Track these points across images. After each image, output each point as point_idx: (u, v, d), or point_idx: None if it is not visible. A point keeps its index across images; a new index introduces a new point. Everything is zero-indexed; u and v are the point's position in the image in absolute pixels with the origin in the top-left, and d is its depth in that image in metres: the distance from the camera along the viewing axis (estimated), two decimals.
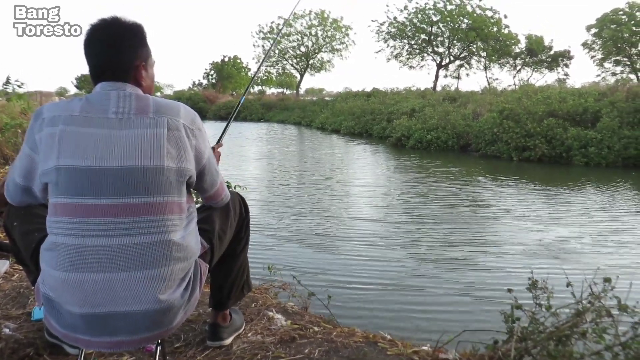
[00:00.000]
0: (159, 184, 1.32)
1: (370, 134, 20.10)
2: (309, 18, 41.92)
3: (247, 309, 2.37)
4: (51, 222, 1.32)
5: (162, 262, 1.33)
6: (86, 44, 1.42)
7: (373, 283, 4.01)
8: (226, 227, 1.74)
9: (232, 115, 2.30)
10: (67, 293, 1.28)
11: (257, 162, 12.37)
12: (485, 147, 13.75)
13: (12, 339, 1.92)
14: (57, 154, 1.27)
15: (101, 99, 1.35)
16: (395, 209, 6.89)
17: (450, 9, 31.95)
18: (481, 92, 24.87)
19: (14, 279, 2.68)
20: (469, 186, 8.92)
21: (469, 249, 5.05)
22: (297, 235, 5.40)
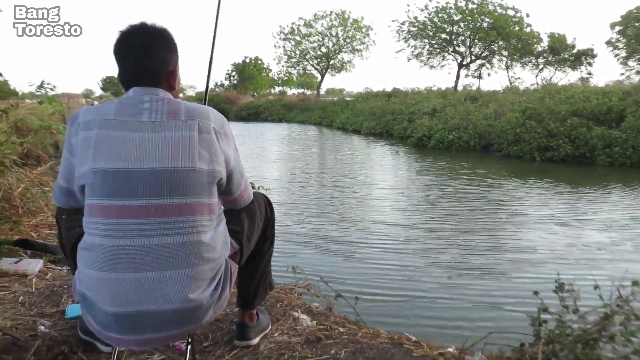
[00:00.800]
0: (190, 186, 1.36)
1: (391, 134, 20.04)
2: (329, 19, 42.00)
3: (272, 309, 2.40)
4: (87, 223, 1.37)
5: (192, 262, 1.36)
6: (119, 50, 1.47)
7: (394, 287, 3.96)
8: (254, 227, 1.77)
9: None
10: (101, 292, 1.33)
11: (278, 164, 12.38)
12: (507, 147, 13.60)
13: (47, 337, 1.98)
14: (92, 157, 1.32)
15: (134, 103, 1.39)
16: (417, 212, 6.78)
17: (471, 7, 31.65)
18: (503, 92, 24.60)
19: (47, 278, 2.75)
20: (492, 188, 8.77)
21: (493, 253, 4.94)
22: (318, 237, 5.38)
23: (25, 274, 2.74)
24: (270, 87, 58.85)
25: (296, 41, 43.76)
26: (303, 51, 43.85)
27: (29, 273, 2.75)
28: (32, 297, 2.46)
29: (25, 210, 3.77)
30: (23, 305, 2.37)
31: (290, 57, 44.88)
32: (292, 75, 49.07)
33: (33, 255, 3.08)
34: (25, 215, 3.72)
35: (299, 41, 43.65)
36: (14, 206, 3.71)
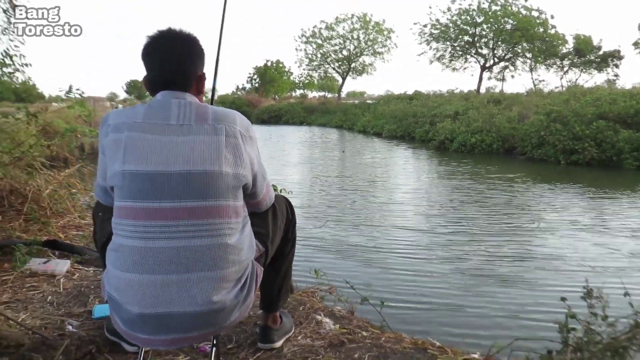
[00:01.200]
0: (217, 189, 1.38)
1: (412, 137, 19.92)
2: (351, 22, 42.02)
3: (295, 312, 2.40)
4: (116, 224, 1.40)
5: (218, 264, 1.38)
6: (149, 54, 1.50)
7: (417, 294, 3.91)
8: (277, 230, 1.79)
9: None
10: (128, 293, 1.35)
11: (299, 167, 12.37)
12: (531, 151, 13.43)
13: (75, 336, 2.01)
14: (122, 159, 1.35)
15: (163, 107, 1.42)
16: (439, 218, 6.67)
17: (494, 9, 31.34)
18: (527, 94, 24.30)
19: (74, 278, 2.80)
20: (516, 192, 8.63)
21: (518, 259, 4.83)
22: (338, 242, 5.35)
23: (54, 274, 2.80)
24: (292, 90, 59.13)
25: (317, 44, 43.91)
26: (324, 54, 43.95)
27: (57, 273, 2.80)
28: (60, 297, 2.51)
29: (54, 211, 3.84)
30: (51, 304, 2.41)
31: (311, 60, 45.05)
32: (313, 78, 49.27)
33: (61, 255, 3.13)
34: (53, 217, 3.79)
35: (320, 44, 43.77)
36: (42, 207, 3.79)
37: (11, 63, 3.60)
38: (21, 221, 3.55)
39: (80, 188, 4.45)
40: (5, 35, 3.61)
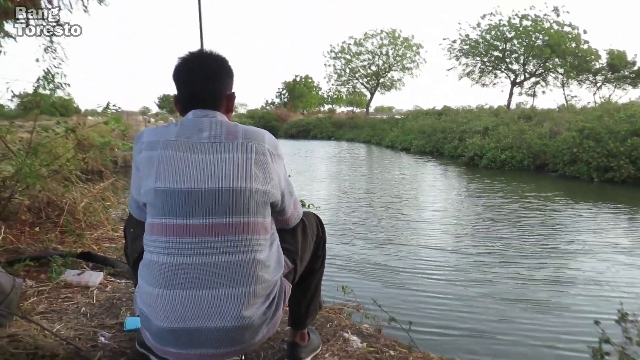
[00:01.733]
0: (247, 205, 1.41)
1: (441, 153, 19.77)
2: (379, 38, 42.12)
3: (322, 329, 2.40)
4: (148, 241, 1.43)
5: (247, 280, 1.41)
6: (180, 75, 1.56)
7: (443, 317, 3.80)
8: (306, 247, 1.80)
9: None
10: (159, 308, 1.38)
11: (326, 182, 12.33)
12: (563, 168, 13.17)
13: (107, 348, 2.06)
14: (155, 177, 1.39)
15: (195, 125, 1.47)
16: (469, 238, 6.49)
17: (525, 25, 31.01)
18: (558, 110, 23.90)
19: (107, 290, 2.86)
20: (549, 211, 8.38)
21: (551, 282, 4.63)
22: (364, 260, 5.30)
23: (87, 285, 2.86)
24: (320, 105, 59.40)
25: (346, 60, 44.07)
26: (353, 69, 44.07)
27: (91, 285, 2.87)
28: (93, 309, 2.57)
29: (88, 224, 3.94)
30: (85, 316, 2.47)
31: (340, 75, 45.22)
32: (341, 93, 49.36)
33: (94, 267, 3.21)
34: (87, 229, 3.89)
35: (349, 60, 43.93)
36: (77, 220, 3.89)
37: (52, 81, 3.73)
38: (57, 233, 3.66)
39: (114, 201, 4.57)
40: (48, 53, 3.75)
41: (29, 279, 2.86)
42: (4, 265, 2.80)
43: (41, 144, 3.89)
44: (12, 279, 2.39)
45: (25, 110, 4.07)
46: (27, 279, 2.86)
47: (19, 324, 2.21)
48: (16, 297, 2.40)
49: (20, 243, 3.38)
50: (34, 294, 2.70)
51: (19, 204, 3.76)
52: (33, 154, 3.78)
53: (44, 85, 3.68)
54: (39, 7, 3.53)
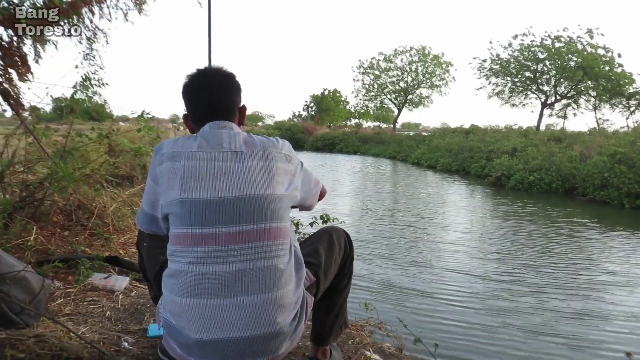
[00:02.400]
0: (270, 211, 1.44)
1: (467, 172, 19.60)
2: (409, 54, 42.11)
3: (344, 346, 2.38)
4: (173, 251, 1.44)
5: (271, 286, 1.42)
6: (191, 90, 1.61)
7: (465, 348, 3.69)
8: (331, 262, 1.79)
9: None
10: (186, 318, 1.39)
11: (350, 198, 12.26)
12: (593, 192, 12.89)
13: (130, 353, 2.07)
14: (179, 187, 1.41)
15: (214, 136, 1.50)
16: (495, 263, 6.27)
17: (558, 46, 30.63)
18: (589, 133, 23.46)
19: (132, 295, 2.89)
20: (580, 237, 8.07)
21: (581, 316, 4.44)
22: (385, 281, 5.22)
23: (113, 289, 2.90)
24: (347, 119, 59.52)
25: (375, 75, 44.17)
26: (381, 85, 44.11)
27: (116, 289, 2.91)
28: (117, 313, 2.60)
29: (116, 228, 4.00)
30: (109, 320, 2.50)
31: (368, 90, 45.31)
32: (369, 108, 49.38)
33: (120, 272, 3.26)
34: (115, 233, 3.95)
35: (377, 75, 44.02)
36: (106, 224, 3.96)
37: (90, 86, 3.83)
38: (86, 236, 3.73)
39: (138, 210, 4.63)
40: (87, 60, 3.85)
41: (57, 281, 2.92)
42: (34, 266, 2.85)
43: (75, 148, 3.98)
44: (41, 280, 2.44)
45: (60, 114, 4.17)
46: (56, 280, 2.92)
47: (45, 324, 2.25)
48: (44, 298, 2.45)
49: (51, 244, 3.45)
50: (62, 295, 2.74)
51: (50, 206, 3.85)
52: (67, 157, 3.87)
53: (81, 90, 3.77)
54: (80, 16, 3.63)
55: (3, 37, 3.41)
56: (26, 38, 3.42)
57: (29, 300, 2.27)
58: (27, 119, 3.92)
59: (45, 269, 2.87)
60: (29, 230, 3.40)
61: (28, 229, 3.40)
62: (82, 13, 3.62)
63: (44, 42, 3.51)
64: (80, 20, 3.64)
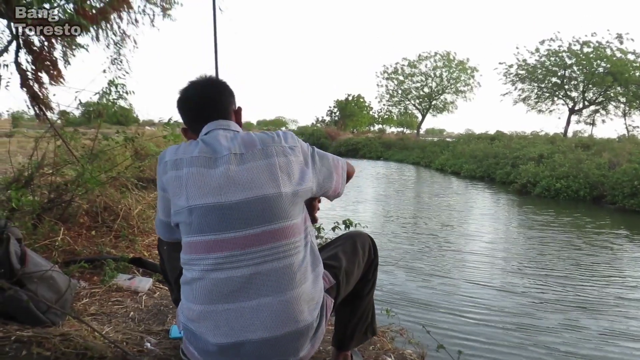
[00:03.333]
0: (278, 210, 1.42)
1: (492, 178, 19.35)
2: (434, 60, 41.90)
3: (365, 352, 2.37)
4: (187, 260, 1.45)
5: (288, 286, 1.40)
6: (187, 96, 1.66)
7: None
8: (353, 266, 1.77)
9: None
10: (204, 324, 1.39)
11: (372, 205, 12.12)
12: (622, 200, 12.61)
13: (152, 354, 2.09)
14: (185, 196, 1.40)
15: (214, 139, 1.50)
16: (520, 276, 5.94)
17: (586, 51, 30.11)
18: (619, 140, 22.99)
19: (155, 296, 2.92)
20: (611, 249, 7.71)
21: (610, 336, 4.17)
22: (405, 291, 5.11)
23: (137, 290, 2.94)
24: (370, 125, 59.39)
25: (399, 81, 44.04)
26: (405, 91, 43.95)
27: (140, 290, 2.94)
28: (141, 314, 2.63)
29: (141, 230, 4.06)
30: (133, 320, 2.53)
31: (392, 96, 45.20)
32: (392, 114, 49.22)
33: (144, 273, 3.30)
34: (140, 235, 4.00)
35: (401, 81, 43.88)
36: (131, 225, 4.02)
37: (117, 91, 3.91)
38: (112, 237, 3.79)
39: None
40: (114, 64, 3.94)
41: (83, 281, 2.97)
42: (61, 266, 2.91)
43: (102, 151, 4.05)
44: (67, 280, 2.48)
45: (88, 118, 4.25)
46: (82, 280, 2.97)
47: (71, 323, 2.28)
48: (70, 298, 2.49)
49: (77, 245, 3.51)
50: (87, 295, 2.79)
51: (78, 208, 3.92)
52: (94, 160, 3.94)
53: (108, 94, 3.84)
54: (109, 22, 3.71)
55: (35, 42, 3.50)
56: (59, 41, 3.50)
57: (55, 299, 2.31)
58: (56, 122, 4.01)
59: (72, 269, 2.92)
60: (57, 231, 3.47)
61: (56, 230, 3.47)
62: (110, 19, 3.69)
63: (74, 47, 3.59)
64: (108, 26, 3.71)
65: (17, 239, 2.29)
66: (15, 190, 3.40)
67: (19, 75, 3.53)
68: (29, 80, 3.56)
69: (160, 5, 4.02)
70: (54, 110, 3.89)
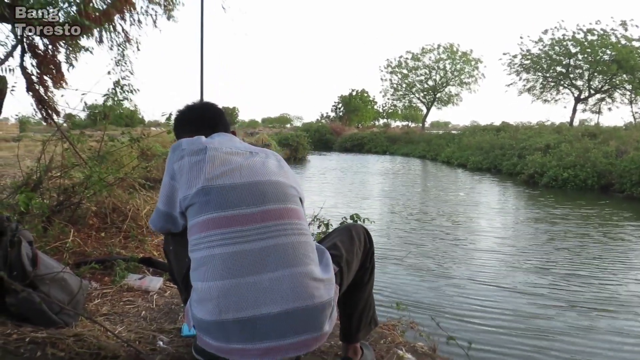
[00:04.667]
0: (290, 195, 1.56)
1: (499, 170, 19.30)
2: (437, 52, 41.71)
3: (376, 346, 2.37)
4: (201, 238, 1.46)
5: (305, 260, 1.46)
6: (194, 112, 1.87)
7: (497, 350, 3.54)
8: (352, 255, 1.80)
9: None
10: (222, 301, 1.38)
11: (378, 201, 11.95)
12: (631, 188, 12.56)
13: (165, 352, 2.10)
14: (205, 176, 1.48)
15: (228, 138, 1.69)
16: (530, 274, 5.63)
17: (591, 39, 29.86)
18: (625, 128, 22.85)
19: (166, 295, 2.94)
20: (622, 240, 7.53)
21: (625, 336, 3.96)
22: (411, 292, 4.96)
23: (148, 290, 2.96)
24: (375, 119, 59.29)
25: (403, 74, 43.88)
26: (409, 84, 43.79)
27: (151, 289, 2.96)
28: (152, 313, 2.64)
29: (149, 230, 4.07)
30: (145, 319, 2.55)
31: (396, 89, 45.04)
32: (397, 107, 49.07)
33: (154, 273, 3.31)
34: (149, 235, 4.02)
35: (405, 74, 43.72)
36: (139, 226, 4.04)
37: (122, 92, 3.92)
38: (121, 238, 3.81)
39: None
40: (119, 66, 3.95)
41: (94, 281, 2.99)
42: (72, 268, 2.93)
43: (108, 152, 4.07)
44: (79, 281, 2.50)
45: (94, 120, 4.28)
46: (93, 281, 2.98)
47: (84, 323, 2.30)
48: (82, 299, 2.51)
49: (87, 246, 3.53)
50: (99, 295, 2.81)
51: (87, 209, 3.95)
52: (101, 162, 3.96)
53: (113, 96, 3.86)
54: (112, 23, 3.72)
55: (39, 46, 3.51)
56: (62, 45, 3.51)
57: (67, 300, 2.33)
58: (63, 125, 4.03)
59: (83, 270, 2.94)
60: (67, 233, 3.49)
61: (66, 232, 3.50)
62: (114, 20, 3.71)
63: (77, 49, 3.61)
64: (111, 28, 3.72)
65: (28, 242, 2.31)
66: (24, 193, 3.42)
67: (25, 79, 3.55)
68: (34, 84, 3.58)
69: (163, 5, 4.03)
70: (60, 113, 3.91)
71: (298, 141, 25.52)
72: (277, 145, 23.54)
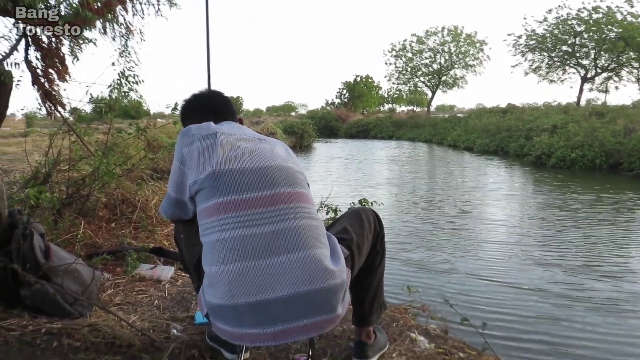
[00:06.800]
0: (299, 180, 1.57)
1: (506, 152, 19.18)
2: (441, 35, 41.36)
3: (389, 329, 2.38)
4: (213, 221, 1.45)
5: (316, 243, 1.45)
6: (202, 101, 1.88)
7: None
8: (363, 239, 1.79)
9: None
10: (234, 285, 1.37)
11: (384, 189, 11.56)
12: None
13: (179, 340, 2.12)
14: (216, 160, 1.48)
15: (234, 126, 1.72)
16: (543, 268, 5.06)
17: (596, 17, 29.46)
18: (633, 107, 22.64)
19: (178, 284, 2.97)
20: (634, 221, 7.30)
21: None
22: (418, 282, 4.58)
23: (160, 279, 2.98)
24: (380, 105, 59.05)
25: (407, 58, 43.58)
26: (414, 68, 43.49)
27: (163, 279, 2.98)
28: (165, 302, 2.67)
29: (159, 220, 4.10)
30: (158, 308, 2.57)
31: (401, 74, 44.75)
32: (402, 92, 48.80)
33: (166, 262, 3.34)
34: (158, 225, 4.05)
35: (410, 58, 43.42)
36: (149, 216, 4.07)
37: (127, 83, 3.92)
38: (131, 228, 3.84)
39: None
40: (123, 57, 3.94)
41: (106, 272, 3.02)
42: (84, 259, 2.96)
43: (116, 144, 4.08)
44: (92, 272, 2.53)
45: (99, 113, 4.28)
46: (105, 272, 3.02)
47: (98, 314, 2.32)
48: (96, 289, 2.53)
49: (98, 238, 3.56)
50: (111, 286, 2.84)
51: (96, 201, 3.98)
52: (108, 154, 3.97)
53: (118, 88, 3.86)
54: (115, 14, 3.70)
55: (43, 39, 3.51)
56: (65, 38, 3.50)
57: (81, 291, 2.35)
58: (69, 118, 4.04)
59: (95, 262, 2.97)
60: (77, 225, 3.52)
61: (76, 224, 3.53)
62: (116, 11, 3.69)
63: (81, 41, 3.60)
64: (114, 18, 3.70)
65: (40, 234, 2.33)
66: (34, 187, 3.44)
67: (30, 73, 3.55)
68: (39, 78, 3.58)
69: None
70: (65, 106, 3.91)
71: (303, 129, 25.41)
72: (283, 133, 23.39)
